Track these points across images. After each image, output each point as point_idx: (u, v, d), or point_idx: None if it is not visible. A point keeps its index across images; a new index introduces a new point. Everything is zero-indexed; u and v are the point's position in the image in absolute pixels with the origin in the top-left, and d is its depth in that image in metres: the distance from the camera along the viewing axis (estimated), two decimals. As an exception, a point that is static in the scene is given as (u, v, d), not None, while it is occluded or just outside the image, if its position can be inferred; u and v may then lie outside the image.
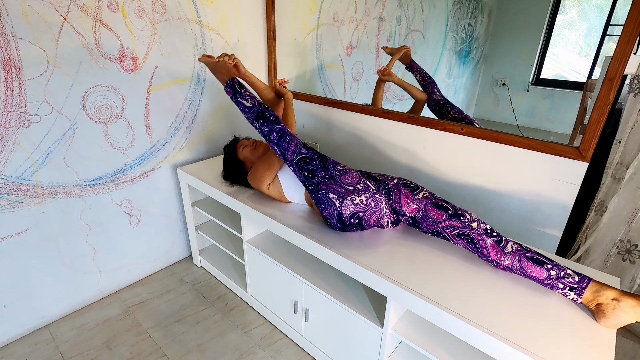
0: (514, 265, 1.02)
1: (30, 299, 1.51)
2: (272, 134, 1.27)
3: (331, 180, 1.21)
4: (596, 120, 1.10)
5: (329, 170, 1.23)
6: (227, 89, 1.33)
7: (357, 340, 1.25)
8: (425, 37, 1.95)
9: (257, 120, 1.28)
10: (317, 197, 1.23)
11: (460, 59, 1.94)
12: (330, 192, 1.19)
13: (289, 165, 1.29)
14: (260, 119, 1.28)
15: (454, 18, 1.87)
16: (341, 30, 1.97)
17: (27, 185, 1.38)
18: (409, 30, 1.93)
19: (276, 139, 1.27)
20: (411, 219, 1.20)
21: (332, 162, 1.26)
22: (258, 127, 1.29)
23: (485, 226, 1.08)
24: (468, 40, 1.90)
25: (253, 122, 1.30)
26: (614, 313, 0.89)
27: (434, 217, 1.14)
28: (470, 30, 1.89)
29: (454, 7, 1.86)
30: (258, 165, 1.43)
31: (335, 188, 1.19)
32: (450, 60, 1.94)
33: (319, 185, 1.22)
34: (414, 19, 1.92)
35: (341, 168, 1.25)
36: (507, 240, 1.06)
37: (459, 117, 1.56)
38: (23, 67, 1.26)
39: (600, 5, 1.52)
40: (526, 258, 1.01)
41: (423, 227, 1.18)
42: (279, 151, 1.28)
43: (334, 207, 1.19)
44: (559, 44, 1.63)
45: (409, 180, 1.26)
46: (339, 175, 1.22)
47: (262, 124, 1.28)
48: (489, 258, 1.05)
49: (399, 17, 1.91)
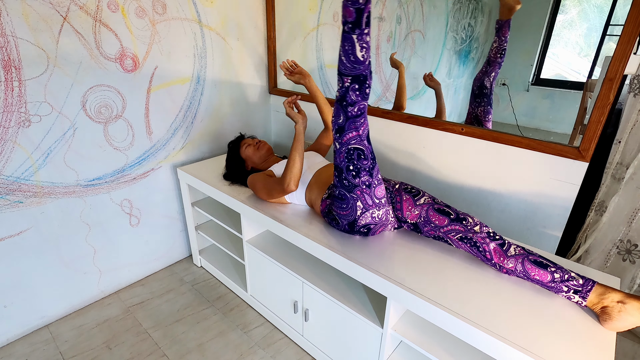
0: (517, 269, 1.01)
1: (30, 299, 1.51)
2: (355, 106, 1.03)
3: (367, 189, 1.12)
4: (596, 120, 1.10)
5: (372, 177, 1.12)
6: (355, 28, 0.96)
7: (357, 340, 1.25)
8: (425, 37, 1.95)
9: (354, 81, 1.01)
10: (344, 194, 1.14)
11: (460, 59, 1.94)
12: (360, 200, 1.14)
13: (338, 145, 1.10)
14: (356, 82, 1.01)
15: (454, 18, 1.87)
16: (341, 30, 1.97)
17: (27, 185, 1.38)
18: (409, 30, 1.93)
19: (353, 114, 1.04)
20: (413, 226, 1.20)
21: (377, 170, 1.15)
22: (346, 89, 1.02)
23: (487, 229, 1.07)
24: (468, 40, 1.90)
25: (345, 80, 1.02)
26: (619, 316, 0.88)
27: (435, 222, 1.13)
28: (470, 30, 1.89)
29: (454, 7, 1.86)
30: (258, 184, 1.41)
31: (366, 198, 1.14)
32: (450, 60, 1.94)
33: (355, 188, 1.12)
34: (414, 19, 1.92)
35: (380, 178, 1.16)
36: (510, 243, 1.05)
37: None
38: (23, 67, 1.26)
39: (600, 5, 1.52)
40: (529, 261, 1.00)
41: (425, 232, 1.18)
42: (343, 125, 1.05)
43: (354, 213, 1.16)
44: (559, 44, 1.63)
45: (410, 185, 1.25)
46: (375, 186, 1.14)
47: (354, 89, 1.01)
48: (492, 261, 1.05)
49: (399, 17, 1.91)
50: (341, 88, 1.03)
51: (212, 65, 1.81)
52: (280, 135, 2.25)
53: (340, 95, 1.04)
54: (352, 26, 0.95)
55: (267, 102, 2.19)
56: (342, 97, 1.03)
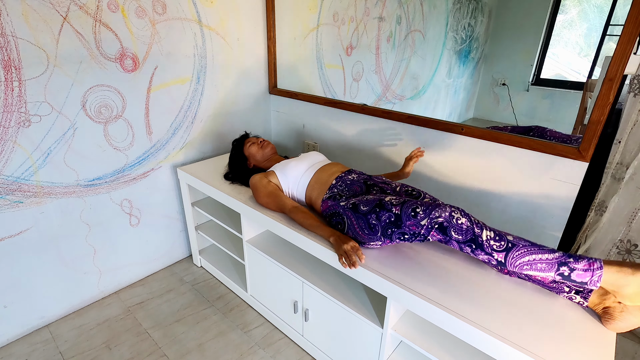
0: (518, 270, 1.00)
1: (30, 299, 1.51)
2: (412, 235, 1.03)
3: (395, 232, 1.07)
4: (596, 120, 1.10)
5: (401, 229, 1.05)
6: None
7: (357, 340, 1.25)
8: (425, 37, 1.95)
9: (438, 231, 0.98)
10: (373, 226, 1.10)
11: (460, 59, 1.94)
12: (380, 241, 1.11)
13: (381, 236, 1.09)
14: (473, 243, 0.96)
15: (454, 18, 1.87)
16: (341, 30, 1.97)
17: (27, 185, 1.38)
18: (409, 30, 1.93)
19: (405, 233, 1.03)
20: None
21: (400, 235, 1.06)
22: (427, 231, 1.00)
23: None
24: (468, 40, 1.90)
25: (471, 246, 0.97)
26: (621, 316, 0.87)
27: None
28: (470, 30, 1.89)
29: (454, 7, 1.86)
30: (264, 191, 1.38)
31: (384, 240, 1.11)
32: (450, 60, 1.94)
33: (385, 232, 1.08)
34: (414, 18, 1.93)
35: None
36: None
37: None
38: (23, 67, 1.26)
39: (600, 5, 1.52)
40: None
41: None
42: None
43: (362, 238, 1.15)
44: (559, 44, 1.63)
45: (410, 187, 1.23)
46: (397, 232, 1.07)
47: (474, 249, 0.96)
48: (494, 263, 1.03)
49: (399, 17, 1.91)
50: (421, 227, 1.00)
51: (212, 65, 1.81)
52: (280, 135, 2.25)
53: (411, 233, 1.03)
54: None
55: (267, 102, 2.19)
56: (413, 234, 1.02)
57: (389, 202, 1.07)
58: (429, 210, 0.97)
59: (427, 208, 0.98)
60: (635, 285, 0.80)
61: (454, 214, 0.95)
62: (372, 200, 1.12)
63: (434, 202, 1.02)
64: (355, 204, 1.16)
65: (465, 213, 0.97)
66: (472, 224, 0.94)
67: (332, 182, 1.30)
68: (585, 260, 0.84)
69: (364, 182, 1.30)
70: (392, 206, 1.05)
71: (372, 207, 1.09)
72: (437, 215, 0.95)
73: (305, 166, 1.41)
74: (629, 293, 0.82)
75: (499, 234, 0.93)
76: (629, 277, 0.80)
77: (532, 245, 0.90)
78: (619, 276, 0.81)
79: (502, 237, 0.92)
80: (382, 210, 1.06)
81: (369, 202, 1.12)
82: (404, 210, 1.01)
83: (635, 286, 0.80)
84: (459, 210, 0.96)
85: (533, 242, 0.92)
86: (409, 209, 1.01)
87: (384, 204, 1.07)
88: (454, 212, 0.95)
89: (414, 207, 1.00)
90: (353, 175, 1.33)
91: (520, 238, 0.93)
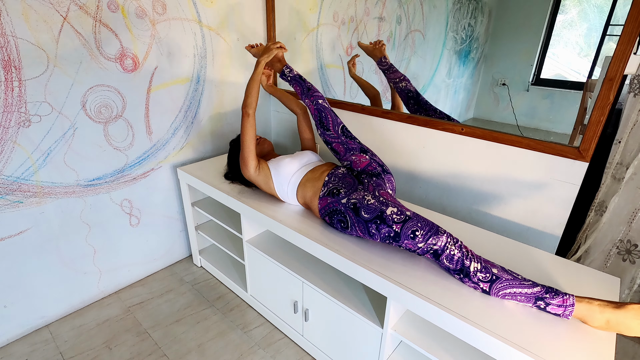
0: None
1: (30, 299, 1.51)
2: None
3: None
4: (596, 120, 1.10)
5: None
6: None
7: (357, 340, 1.25)
8: (425, 37, 1.95)
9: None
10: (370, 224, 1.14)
11: (460, 59, 1.94)
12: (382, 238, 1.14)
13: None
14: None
15: (454, 18, 1.87)
16: (341, 30, 1.98)
17: (27, 185, 1.38)
18: (409, 30, 1.93)
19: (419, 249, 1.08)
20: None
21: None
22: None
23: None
24: (468, 40, 1.90)
25: None
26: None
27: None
28: (470, 30, 1.89)
29: (454, 7, 1.86)
30: (240, 154, 1.42)
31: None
32: (450, 60, 1.94)
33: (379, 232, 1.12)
34: (414, 18, 1.92)
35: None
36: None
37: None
38: (23, 67, 1.26)
39: (600, 5, 1.51)
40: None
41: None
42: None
43: (361, 236, 1.21)
44: (559, 44, 1.63)
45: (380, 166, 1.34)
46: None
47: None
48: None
49: (399, 17, 1.91)
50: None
51: (212, 65, 1.81)
52: (280, 135, 2.25)
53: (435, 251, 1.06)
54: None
55: (267, 102, 2.19)
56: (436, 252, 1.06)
57: (391, 218, 1.09)
58: (427, 235, 1.04)
59: (426, 233, 1.04)
60: (599, 321, 0.90)
61: (448, 245, 1.03)
62: (373, 208, 1.13)
63: (432, 226, 1.06)
64: (356, 205, 1.17)
65: (459, 245, 1.04)
66: (462, 256, 1.02)
67: (325, 179, 1.31)
68: (560, 296, 0.93)
69: (354, 174, 1.36)
70: (393, 223, 1.09)
71: (373, 217, 1.12)
72: (433, 242, 1.04)
73: (297, 165, 1.41)
74: (594, 325, 0.91)
75: (484, 266, 1.00)
76: (596, 314, 0.90)
77: (514, 279, 0.97)
78: (587, 313, 0.91)
79: (488, 270, 1.00)
80: (383, 224, 1.10)
81: (370, 208, 1.14)
82: (404, 231, 1.07)
83: (600, 322, 0.90)
84: (453, 241, 1.04)
85: (516, 275, 0.99)
86: (409, 230, 1.06)
87: (385, 218, 1.10)
88: (449, 243, 1.03)
89: (414, 229, 1.06)
90: (342, 170, 1.35)
91: (505, 270, 1.00)
